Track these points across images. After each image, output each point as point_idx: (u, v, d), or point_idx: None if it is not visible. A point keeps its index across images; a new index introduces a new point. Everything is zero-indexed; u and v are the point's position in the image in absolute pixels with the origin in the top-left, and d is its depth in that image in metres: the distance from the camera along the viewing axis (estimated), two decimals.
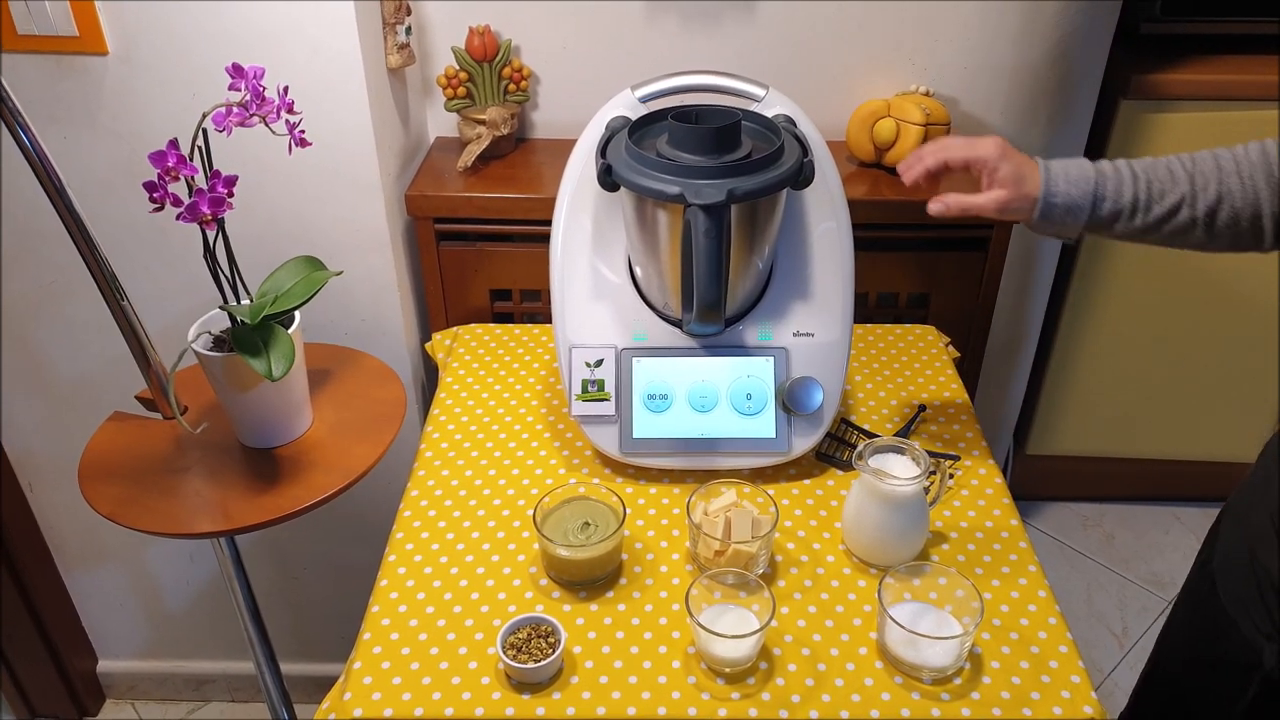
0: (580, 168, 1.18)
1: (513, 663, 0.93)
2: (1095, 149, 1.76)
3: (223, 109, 1.01)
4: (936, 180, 1.05)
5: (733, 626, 0.94)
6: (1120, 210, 0.96)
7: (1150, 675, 1.20)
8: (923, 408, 1.28)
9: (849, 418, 1.27)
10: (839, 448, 1.23)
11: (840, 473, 1.20)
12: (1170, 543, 2.22)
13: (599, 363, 1.16)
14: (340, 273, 1.19)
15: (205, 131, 1.02)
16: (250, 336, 1.08)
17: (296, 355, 1.09)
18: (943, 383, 1.35)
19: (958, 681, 0.94)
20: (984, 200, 1.00)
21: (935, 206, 1.02)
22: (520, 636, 0.96)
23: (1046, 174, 0.97)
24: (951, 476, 1.19)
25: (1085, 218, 0.97)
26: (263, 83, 1.02)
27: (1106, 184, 0.96)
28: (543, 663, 0.93)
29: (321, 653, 1.87)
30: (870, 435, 1.24)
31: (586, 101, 1.25)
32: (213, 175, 1.03)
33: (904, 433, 1.25)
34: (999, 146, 0.99)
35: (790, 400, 1.15)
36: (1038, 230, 1.00)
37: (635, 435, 1.16)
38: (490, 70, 1.47)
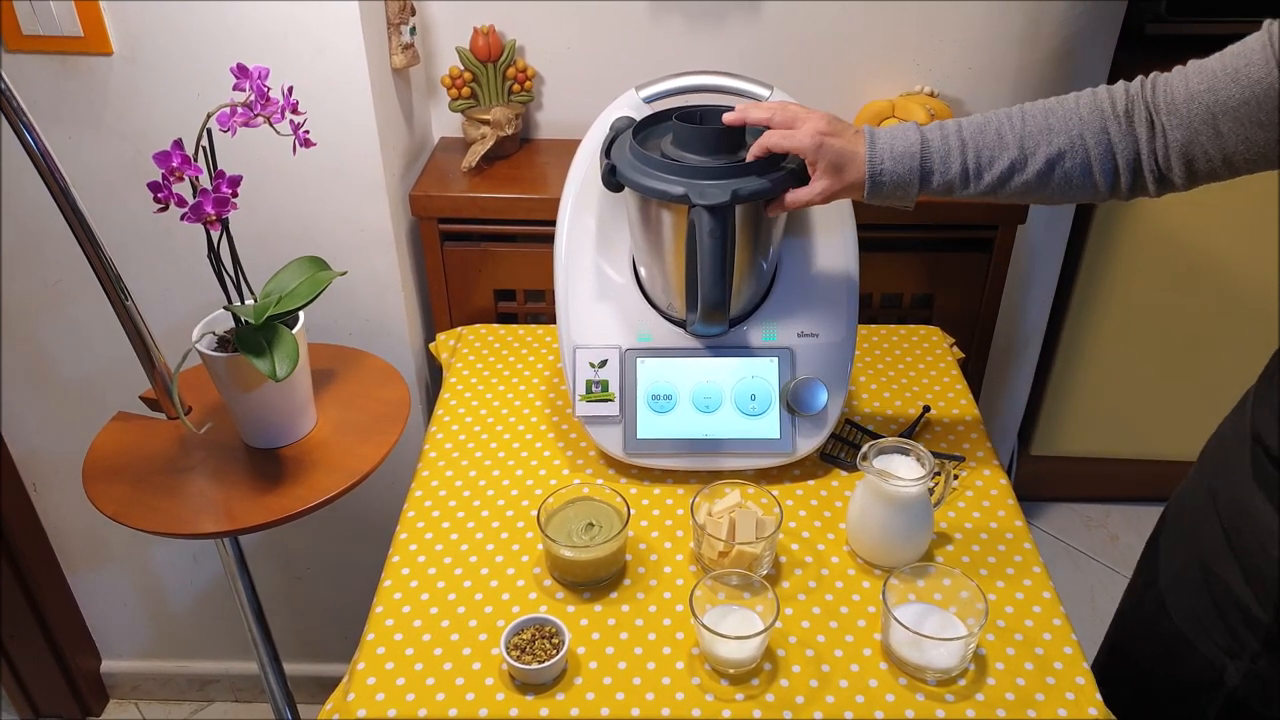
0: (584, 168, 1.18)
1: (516, 663, 0.93)
2: None
3: (227, 109, 1.01)
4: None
5: (737, 628, 0.94)
6: (951, 181, 0.95)
7: (1115, 685, 1.17)
8: (927, 409, 1.28)
9: (853, 419, 1.27)
10: (843, 449, 1.22)
11: (845, 474, 1.19)
12: None
13: (603, 363, 1.16)
14: (344, 273, 1.19)
15: (210, 132, 1.02)
16: (254, 337, 1.08)
17: (300, 355, 1.09)
18: (947, 383, 1.34)
19: (962, 683, 0.94)
20: (808, 195, 1.00)
21: (772, 211, 1.04)
22: (524, 637, 0.96)
23: (871, 152, 0.96)
24: (956, 477, 1.18)
25: (915, 191, 0.96)
26: (267, 83, 1.02)
27: (933, 157, 0.94)
28: (546, 664, 0.93)
29: (325, 653, 1.87)
30: (874, 436, 1.24)
31: (591, 102, 1.25)
32: (217, 175, 1.03)
33: (908, 434, 1.25)
34: (814, 138, 0.96)
35: (794, 401, 1.14)
36: (872, 203, 0.99)
37: (639, 436, 1.16)
38: (495, 70, 1.47)
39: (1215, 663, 0.96)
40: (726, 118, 1.02)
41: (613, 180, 1.08)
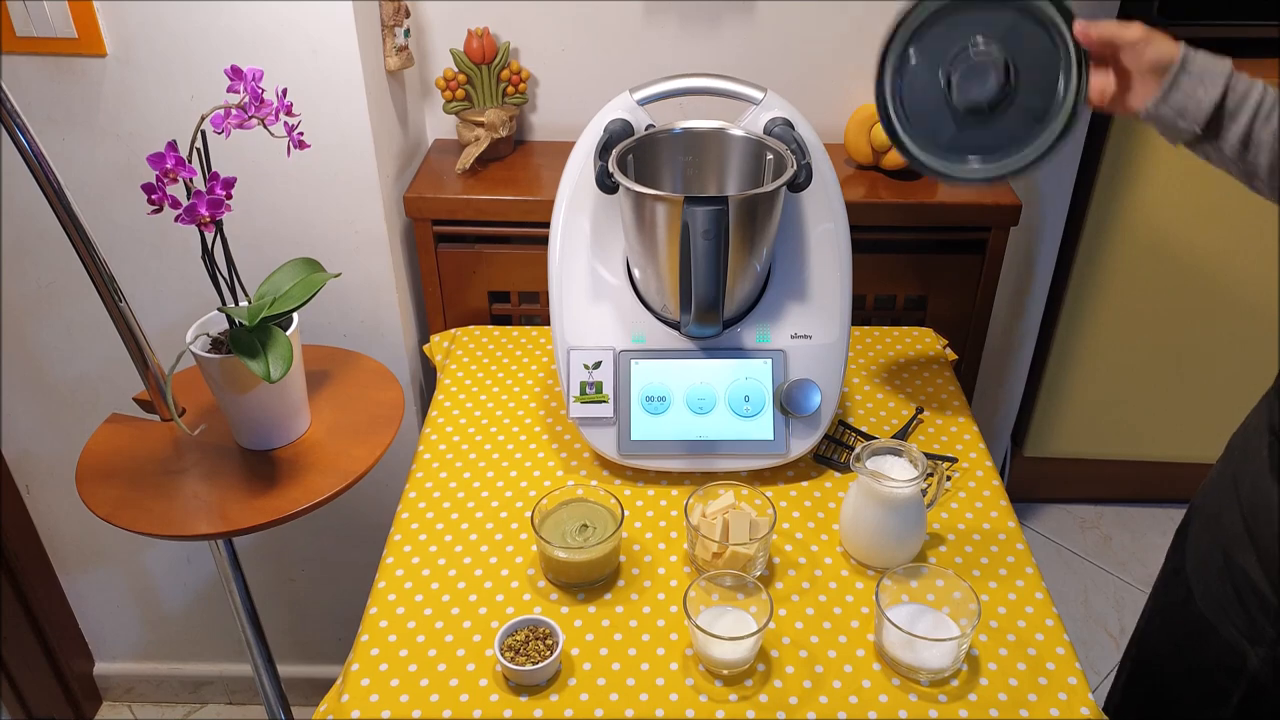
0: (579, 170, 1.18)
1: (510, 665, 0.93)
2: (1092, 153, 1.76)
3: (221, 111, 1.01)
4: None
5: (730, 628, 0.95)
6: (1244, 103, 0.90)
7: (1130, 683, 1.19)
8: (920, 410, 1.28)
9: (846, 420, 1.27)
10: (836, 450, 1.23)
11: (838, 475, 1.20)
12: (1168, 545, 2.22)
13: (597, 364, 1.17)
14: (338, 275, 1.19)
15: (204, 133, 1.02)
16: (248, 338, 1.08)
17: (294, 357, 1.09)
18: (940, 385, 1.35)
19: (955, 683, 0.95)
20: (1131, 31, 0.94)
21: (1079, 28, 0.95)
22: (518, 639, 0.96)
23: (1184, 47, 0.93)
24: (949, 478, 1.19)
25: (1217, 95, 0.90)
26: (261, 85, 1.02)
27: (1238, 78, 0.91)
28: (540, 665, 0.93)
29: (319, 655, 1.87)
30: (868, 437, 1.24)
31: (585, 104, 1.25)
32: (211, 177, 1.03)
33: (901, 435, 1.25)
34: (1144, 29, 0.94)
35: (788, 402, 1.15)
36: (1163, 107, 0.92)
37: (633, 437, 1.16)
38: (489, 72, 1.47)
39: (1237, 648, 0.98)
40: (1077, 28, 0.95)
41: (607, 182, 1.09)
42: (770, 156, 1.15)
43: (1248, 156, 0.90)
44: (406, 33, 1.40)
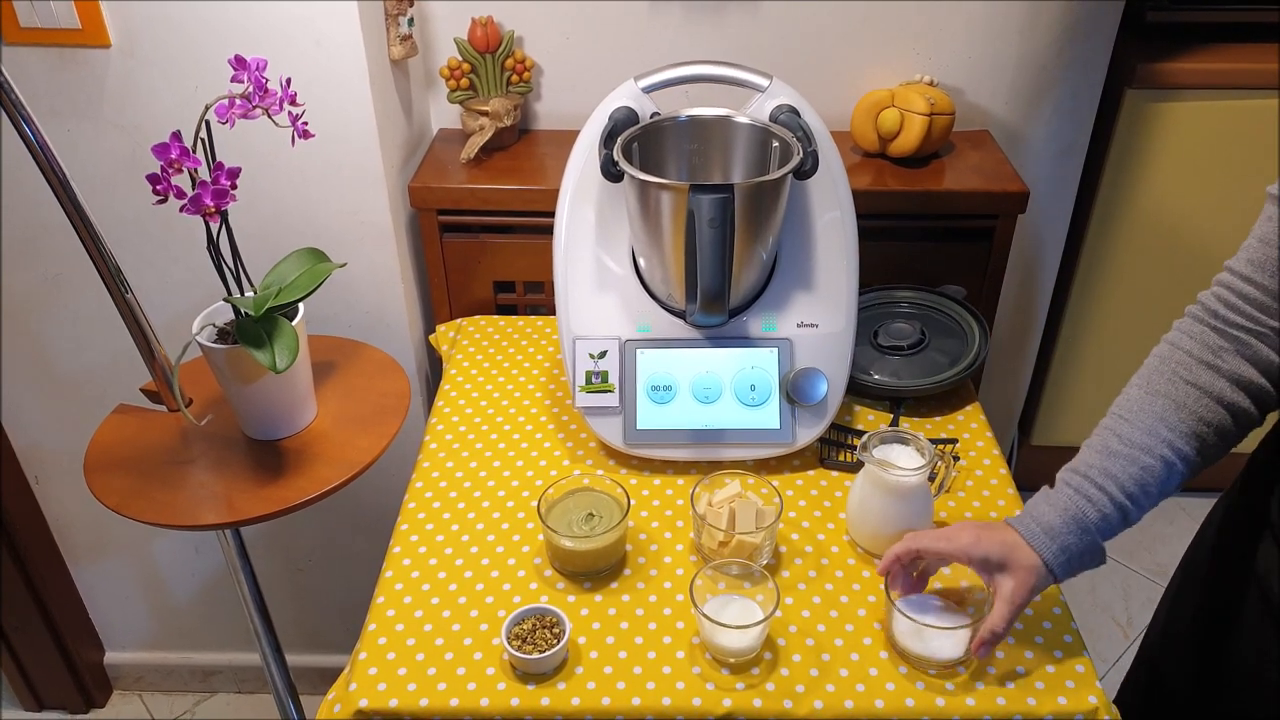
0: (583, 159, 1.17)
1: (517, 653, 0.93)
2: (1100, 138, 1.75)
3: (225, 101, 1.01)
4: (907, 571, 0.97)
5: (737, 617, 0.95)
6: (1126, 518, 0.89)
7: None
8: (901, 402, 1.28)
9: (840, 422, 1.25)
10: (836, 450, 1.22)
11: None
12: (1175, 533, 2.22)
13: (603, 354, 1.16)
14: (344, 265, 1.19)
15: (208, 124, 1.02)
16: (254, 329, 1.08)
17: (300, 347, 1.10)
18: None
19: (962, 671, 0.95)
20: (1001, 614, 0.88)
21: (980, 652, 0.91)
22: (525, 627, 0.96)
23: (1047, 535, 0.89)
24: (957, 459, 1.18)
25: (1099, 553, 0.89)
26: (265, 74, 1.02)
27: (1097, 503, 0.89)
28: (547, 653, 0.93)
29: (327, 644, 1.88)
30: (859, 435, 1.24)
31: (589, 92, 1.25)
32: (216, 167, 1.03)
33: (894, 422, 1.25)
34: (966, 546, 0.90)
35: (794, 391, 1.14)
36: (1065, 575, 0.90)
37: (639, 426, 1.16)
38: (493, 61, 1.47)
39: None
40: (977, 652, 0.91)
41: (612, 170, 1.08)
42: (776, 144, 1.15)
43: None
44: (410, 22, 1.39)
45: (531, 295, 1.53)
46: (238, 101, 1.01)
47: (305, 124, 1.06)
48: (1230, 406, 0.87)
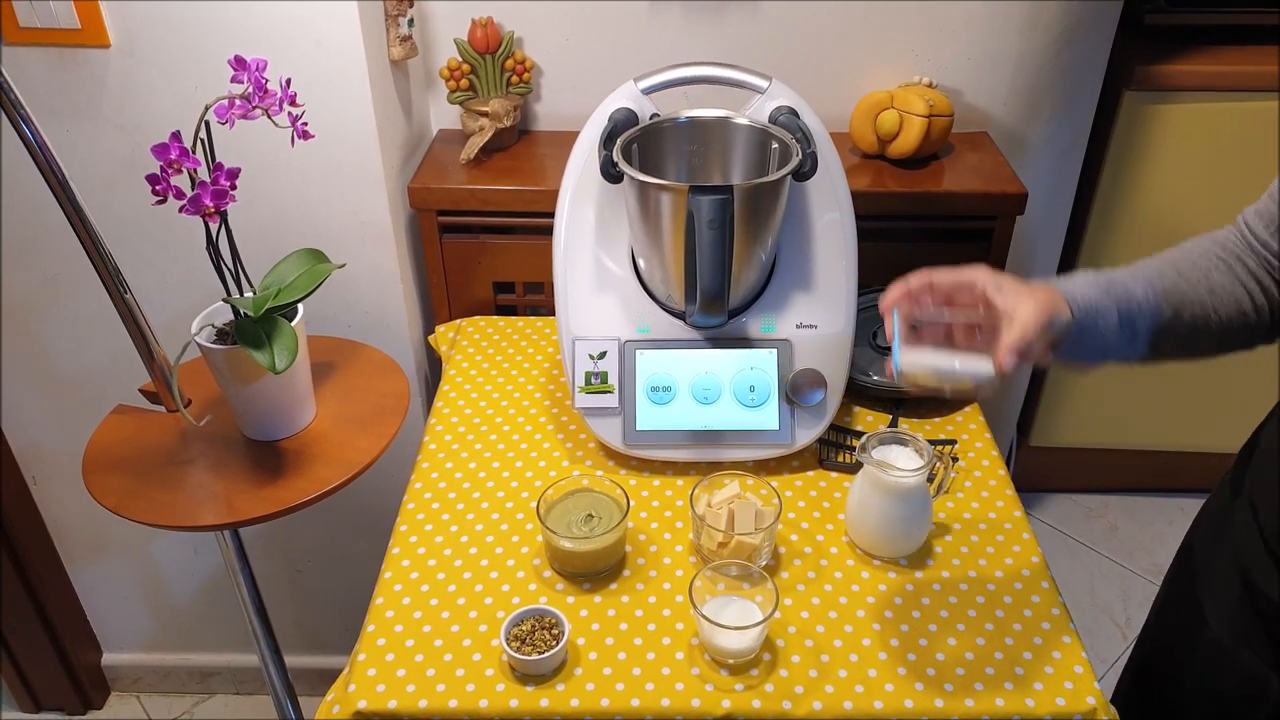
0: (583, 160, 1.17)
1: (516, 654, 0.93)
2: (1099, 140, 1.75)
3: (225, 101, 1.01)
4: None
5: (736, 618, 0.95)
6: (1152, 310, 0.86)
7: (1144, 699, 1.14)
8: (900, 403, 1.28)
9: (839, 423, 1.25)
10: (835, 451, 1.22)
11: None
12: (1174, 534, 2.22)
13: (602, 355, 1.16)
14: (343, 265, 1.19)
15: (208, 124, 1.02)
16: (253, 329, 1.08)
17: (299, 348, 1.09)
18: None
19: (961, 672, 0.95)
20: (1021, 327, 0.81)
21: (1007, 361, 0.82)
22: (524, 628, 0.96)
23: (1064, 286, 0.86)
24: (956, 459, 1.18)
25: (1114, 320, 0.85)
26: (265, 75, 1.02)
27: (1124, 286, 0.86)
28: (546, 654, 0.93)
29: (326, 645, 1.87)
30: (858, 436, 1.24)
31: (589, 93, 1.25)
32: (215, 168, 1.03)
33: (893, 423, 1.25)
34: (984, 270, 0.86)
35: (793, 392, 1.15)
36: (1066, 355, 0.86)
37: (638, 427, 1.16)
38: (493, 62, 1.47)
39: (1258, 675, 0.93)
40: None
41: (612, 171, 1.08)
42: (775, 145, 1.15)
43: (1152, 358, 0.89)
44: (410, 22, 1.39)
45: (531, 296, 1.53)
46: (237, 102, 1.01)
47: (305, 124, 1.06)
48: (1239, 296, 0.87)
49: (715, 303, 1.08)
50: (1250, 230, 0.88)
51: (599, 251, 1.18)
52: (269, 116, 1.03)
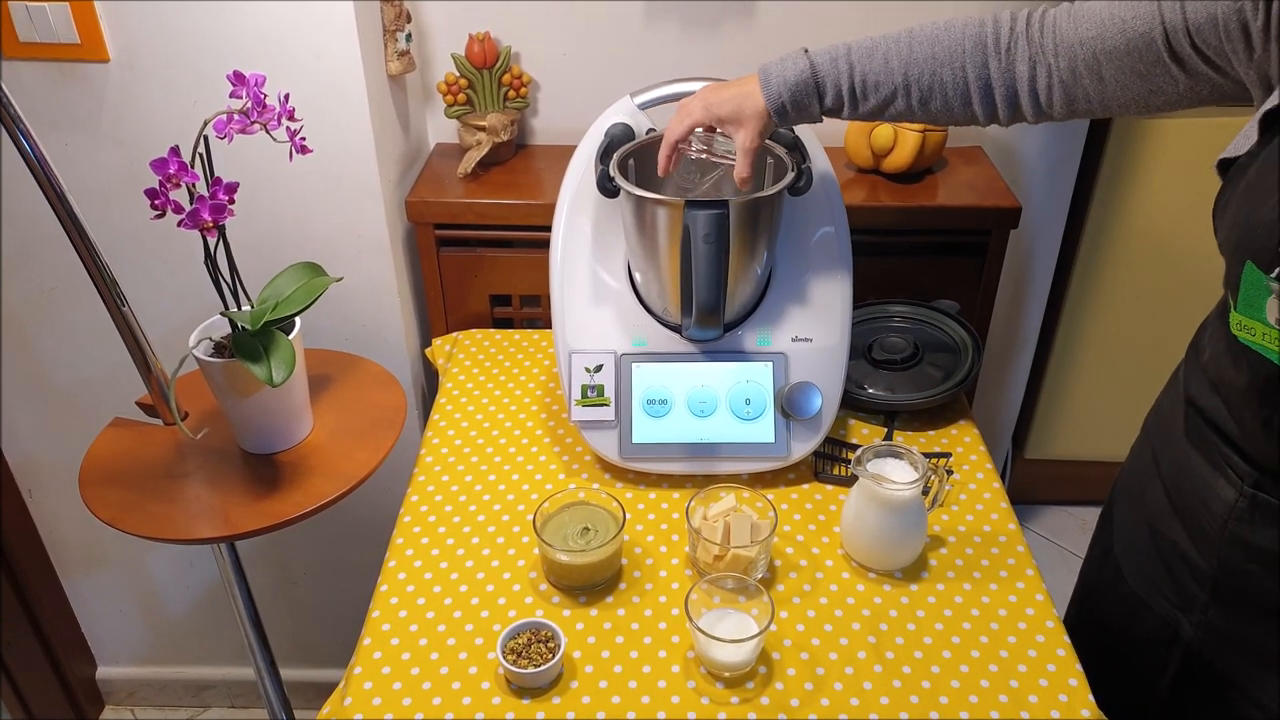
0: (580, 174, 1.18)
1: (512, 667, 0.93)
2: (1092, 155, 1.76)
3: (224, 116, 1.01)
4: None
5: (732, 631, 0.95)
6: (840, 101, 1.00)
7: (1079, 651, 1.20)
8: (895, 416, 1.28)
9: (834, 435, 1.26)
10: (831, 464, 1.22)
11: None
12: None
13: (598, 368, 1.17)
14: (340, 279, 1.19)
15: (206, 138, 1.02)
16: (251, 342, 1.08)
17: (297, 361, 1.10)
18: None
19: (956, 685, 0.95)
20: (740, 156, 1.03)
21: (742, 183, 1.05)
22: (520, 641, 0.96)
23: (766, 87, 1.00)
24: (951, 472, 1.19)
25: (817, 110, 1.01)
26: (264, 90, 1.03)
27: (825, 80, 1.00)
28: (542, 667, 0.93)
29: (321, 658, 1.87)
30: (854, 448, 1.24)
31: (586, 108, 1.25)
32: (214, 182, 1.03)
33: (888, 435, 1.26)
34: (700, 107, 1.03)
35: (789, 405, 1.15)
36: (784, 127, 1.07)
37: (635, 440, 1.16)
38: (490, 77, 1.48)
39: (1169, 619, 1.00)
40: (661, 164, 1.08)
41: (608, 186, 1.09)
42: (771, 160, 1.16)
43: (867, 120, 1.03)
44: (408, 37, 1.40)
45: (528, 309, 1.54)
46: (236, 117, 1.02)
47: (303, 139, 1.06)
48: (976, 90, 0.97)
49: (711, 316, 1.08)
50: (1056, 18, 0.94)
51: (595, 265, 1.19)
52: (267, 131, 1.04)
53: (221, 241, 1.08)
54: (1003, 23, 0.96)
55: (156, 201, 1.00)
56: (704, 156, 1.13)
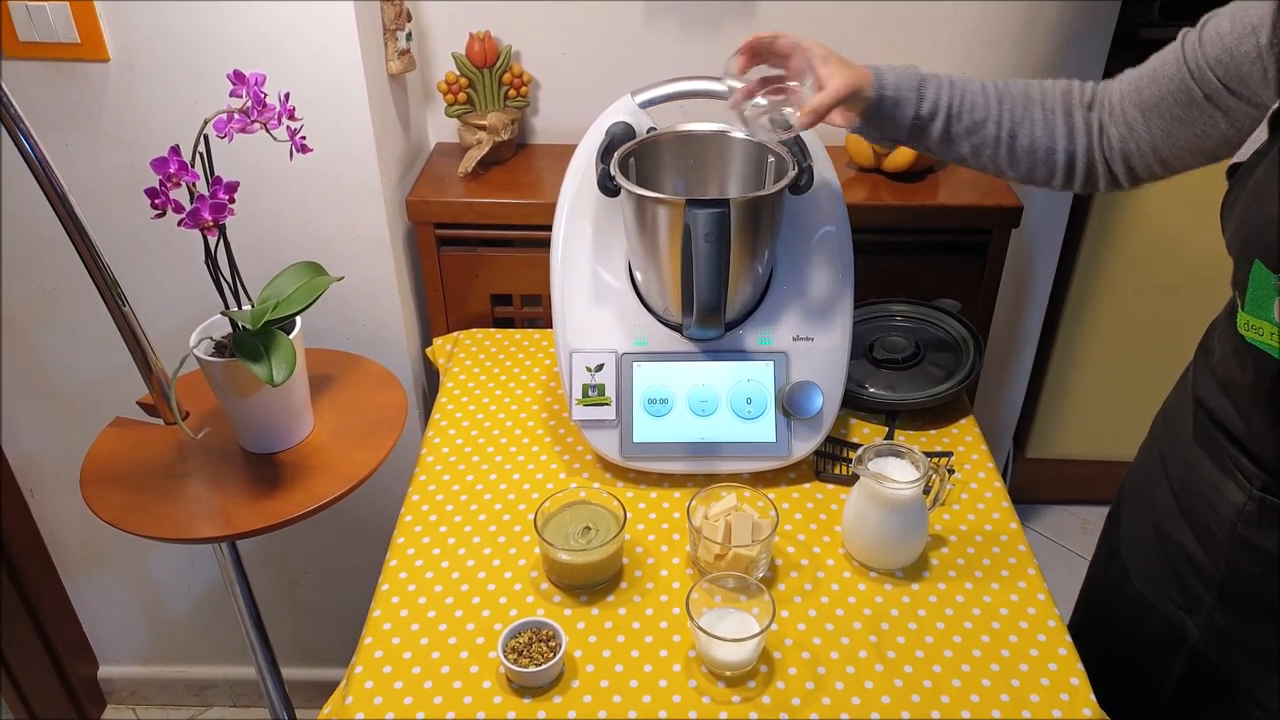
0: (580, 173, 1.18)
1: (514, 666, 0.93)
2: None
3: (224, 115, 1.01)
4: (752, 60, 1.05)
5: (733, 630, 0.95)
6: (936, 111, 1.00)
7: (1084, 654, 1.20)
8: (896, 415, 1.28)
9: (835, 434, 1.26)
10: (832, 463, 1.22)
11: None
12: None
13: (599, 367, 1.17)
14: (341, 278, 1.19)
15: (207, 138, 1.02)
16: (251, 342, 1.08)
17: (297, 360, 1.10)
18: None
19: (957, 684, 0.95)
20: (828, 94, 0.98)
21: (805, 120, 1.00)
22: (521, 640, 0.96)
23: (877, 70, 1.01)
24: (952, 471, 1.19)
25: (910, 112, 1.00)
26: (264, 89, 1.03)
27: (928, 85, 1.00)
28: (543, 666, 0.93)
29: (323, 657, 1.87)
30: (855, 448, 1.24)
31: (586, 107, 1.25)
32: (214, 181, 1.03)
33: (889, 435, 1.25)
34: (820, 45, 1.02)
35: (790, 404, 1.15)
36: (868, 127, 1.03)
37: (636, 440, 1.16)
38: (490, 76, 1.48)
39: (1175, 621, 1.00)
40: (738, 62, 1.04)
41: (609, 185, 1.09)
42: (771, 159, 1.16)
43: (949, 153, 1.03)
44: (408, 36, 1.40)
45: (529, 308, 1.54)
46: (236, 116, 1.02)
47: (303, 138, 1.06)
48: (1061, 138, 0.99)
49: (712, 315, 1.08)
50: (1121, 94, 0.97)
51: (596, 264, 1.19)
52: (267, 130, 1.04)
53: (222, 241, 1.08)
54: (1087, 86, 1.00)
55: (157, 201, 1.00)
56: (766, 105, 1.05)
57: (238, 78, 1.01)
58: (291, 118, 1.05)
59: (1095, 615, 1.17)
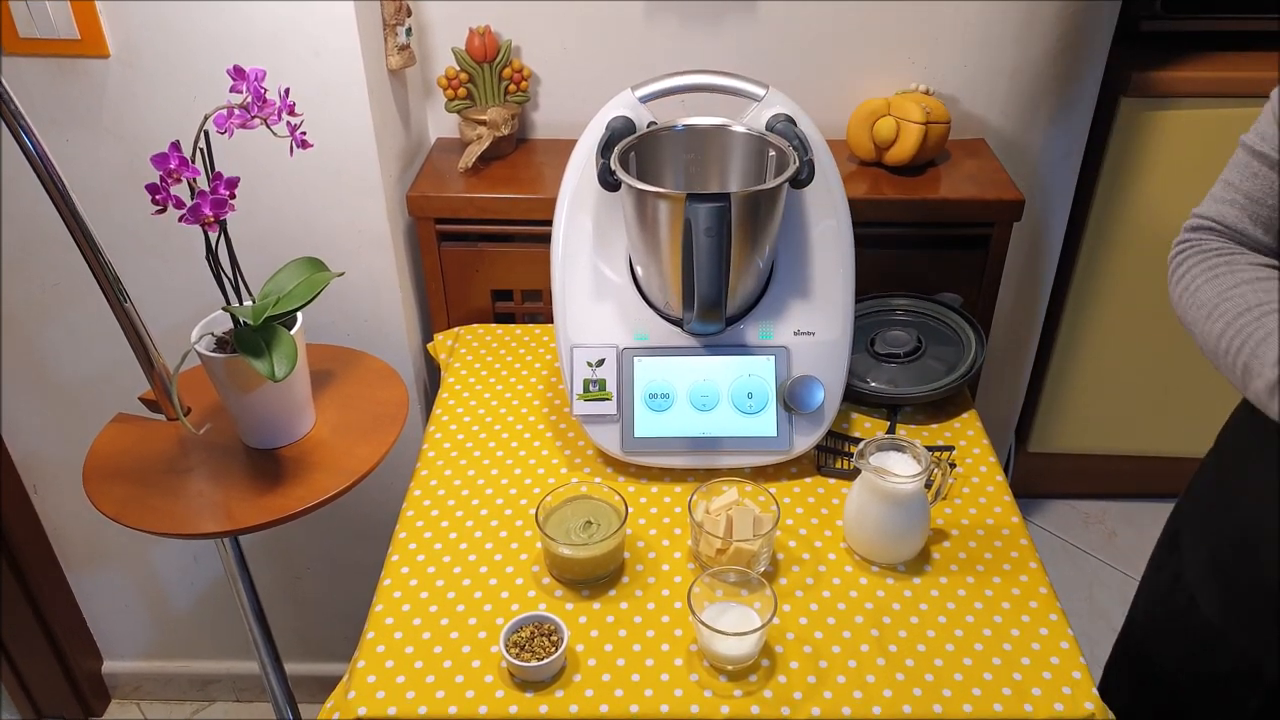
0: (581, 168, 1.18)
1: (516, 661, 0.93)
2: (1096, 146, 1.76)
3: (224, 111, 1.01)
4: None
5: (735, 624, 0.95)
6: None
7: (1138, 687, 1.14)
8: (898, 409, 1.28)
9: (836, 429, 1.26)
10: (833, 458, 1.22)
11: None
12: None
13: (600, 362, 1.17)
14: (342, 274, 1.19)
15: (207, 134, 1.02)
16: (253, 338, 1.08)
17: (299, 356, 1.10)
18: None
19: (959, 678, 0.95)
20: None
21: None
22: (523, 635, 0.97)
23: None
24: (954, 466, 1.19)
25: None
26: (264, 85, 1.03)
27: None
28: (545, 661, 0.93)
29: (326, 652, 1.88)
30: (856, 443, 1.24)
31: (587, 102, 1.25)
32: (214, 177, 1.03)
33: (890, 429, 1.25)
34: None
35: (791, 399, 1.15)
36: None
37: (637, 434, 1.16)
38: (491, 71, 1.48)
39: (1251, 655, 0.94)
40: None
41: (609, 179, 1.09)
42: (772, 153, 1.15)
43: None
44: (408, 31, 1.40)
45: (529, 304, 1.54)
46: (236, 112, 1.02)
47: (304, 134, 1.06)
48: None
49: (713, 310, 1.08)
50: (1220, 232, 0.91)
51: (597, 259, 1.19)
52: (268, 126, 1.04)
53: (223, 237, 1.08)
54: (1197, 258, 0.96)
55: (157, 197, 1.00)
56: None
57: (238, 73, 1.01)
58: (291, 113, 1.05)
59: (1149, 648, 1.10)
